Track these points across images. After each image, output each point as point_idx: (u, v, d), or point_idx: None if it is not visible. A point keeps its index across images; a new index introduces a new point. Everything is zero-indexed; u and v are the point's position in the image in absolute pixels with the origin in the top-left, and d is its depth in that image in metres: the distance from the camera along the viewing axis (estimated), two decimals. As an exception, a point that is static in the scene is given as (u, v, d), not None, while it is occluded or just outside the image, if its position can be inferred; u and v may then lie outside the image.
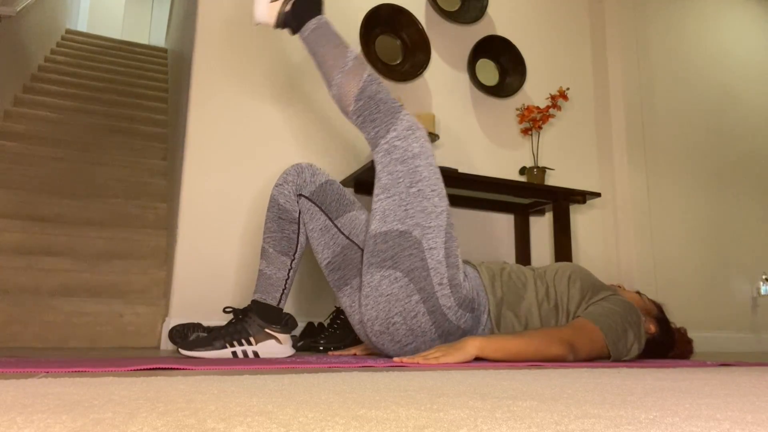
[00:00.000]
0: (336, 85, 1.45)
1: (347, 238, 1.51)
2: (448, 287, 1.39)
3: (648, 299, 1.70)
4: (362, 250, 1.47)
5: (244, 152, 2.37)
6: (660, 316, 1.67)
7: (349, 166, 2.54)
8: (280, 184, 1.56)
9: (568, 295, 1.52)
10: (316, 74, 2.57)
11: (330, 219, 1.53)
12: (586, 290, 1.53)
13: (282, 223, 1.53)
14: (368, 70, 1.46)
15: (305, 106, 2.52)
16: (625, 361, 1.49)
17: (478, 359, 1.34)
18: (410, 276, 1.36)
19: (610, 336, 1.42)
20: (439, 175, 1.43)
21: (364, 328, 1.45)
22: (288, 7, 1.50)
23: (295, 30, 1.51)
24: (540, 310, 1.50)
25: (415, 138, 1.42)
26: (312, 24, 1.49)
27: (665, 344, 1.64)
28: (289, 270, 1.54)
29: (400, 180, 1.39)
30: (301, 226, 1.54)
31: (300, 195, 1.54)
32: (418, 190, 1.39)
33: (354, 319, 1.51)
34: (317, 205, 1.53)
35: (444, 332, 1.41)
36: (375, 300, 1.39)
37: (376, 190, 1.42)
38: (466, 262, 1.60)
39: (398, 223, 1.38)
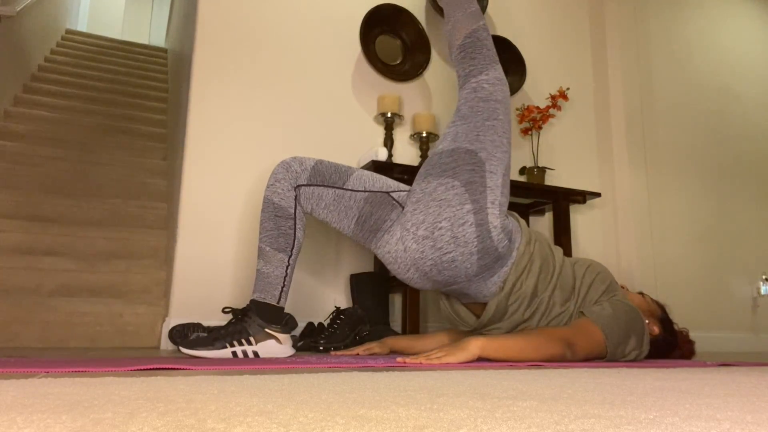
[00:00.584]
0: (455, 20, 1.66)
1: (365, 191, 1.55)
2: (498, 208, 1.46)
3: (651, 300, 1.71)
4: (386, 193, 1.55)
5: (243, 152, 2.37)
6: (663, 317, 1.67)
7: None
8: (272, 185, 1.57)
9: (582, 279, 1.56)
10: (316, 74, 2.57)
11: (338, 188, 1.56)
12: (600, 282, 1.56)
13: (278, 221, 1.54)
14: (484, 20, 1.66)
15: (305, 107, 2.52)
16: (626, 361, 1.50)
17: (479, 359, 1.34)
18: (467, 187, 1.44)
19: (611, 339, 1.43)
20: (511, 127, 1.58)
21: (403, 241, 1.45)
22: None
23: None
24: (559, 279, 1.51)
25: (502, 89, 1.58)
26: None
27: (669, 345, 1.65)
28: (287, 267, 1.54)
29: (479, 113, 1.53)
30: (297, 221, 1.55)
31: (298, 186, 1.56)
32: (492, 125, 1.52)
33: (391, 244, 1.49)
34: (319, 185, 1.56)
35: (483, 248, 1.43)
36: (426, 204, 1.44)
37: (453, 119, 1.56)
38: (510, 213, 1.65)
39: (467, 143, 1.49)
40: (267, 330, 1.52)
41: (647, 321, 1.62)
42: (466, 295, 1.56)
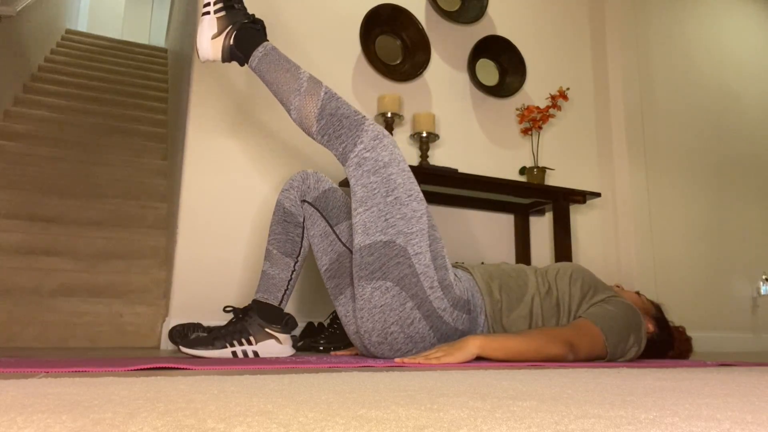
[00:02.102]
0: (295, 108, 1.42)
1: (344, 245, 1.54)
2: (440, 289, 1.38)
3: (647, 299, 1.71)
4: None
5: (243, 152, 2.37)
6: (658, 316, 1.67)
7: (349, 166, 2.54)
8: (286, 189, 1.60)
9: (570, 293, 1.52)
10: (316, 74, 2.57)
11: (330, 225, 1.56)
12: (587, 289, 1.53)
13: (287, 226, 1.57)
14: (324, 87, 1.42)
15: (305, 106, 2.52)
16: (624, 361, 1.50)
17: (478, 359, 1.34)
18: (401, 284, 1.35)
19: (611, 338, 1.42)
20: (413, 179, 1.41)
21: (362, 339, 1.44)
22: (231, 41, 1.46)
23: (243, 61, 1.47)
24: (542, 309, 1.49)
25: (383, 146, 1.39)
26: (259, 52, 1.45)
27: (664, 344, 1.65)
28: (293, 272, 1.57)
29: (376, 191, 1.37)
30: (305, 230, 1.58)
31: (304, 201, 1.59)
32: (395, 198, 1.37)
33: (350, 330, 1.51)
34: (319, 211, 1.58)
35: (442, 335, 1.41)
36: (369, 312, 1.37)
37: (353, 204, 1.39)
38: (459, 266, 1.60)
39: (381, 234, 1.36)
40: (267, 330, 1.52)
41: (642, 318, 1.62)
42: None
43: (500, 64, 3.00)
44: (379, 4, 2.67)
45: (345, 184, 2.41)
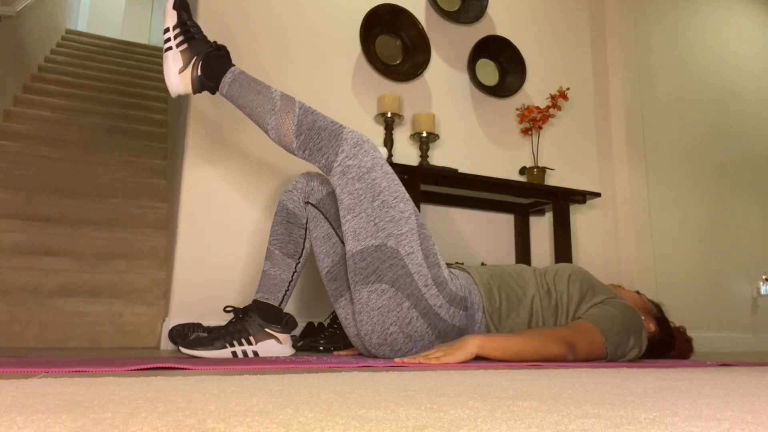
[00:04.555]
0: (273, 128, 1.42)
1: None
2: (434, 287, 1.40)
3: (647, 299, 1.71)
4: None
5: (244, 152, 2.37)
6: (659, 316, 1.67)
7: (349, 166, 2.54)
8: (289, 190, 1.60)
9: (568, 293, 1.52)
10: (316, 74, 2.57)
11: (333, 228, 1.56)
12: (586, 290, 1.53)
13: (290, 227, 1.57)
14: (297, 103, 1.43)
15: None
16: (625, 361, 1.50)
17: (478, 358, 1.34)
18: (396, 285, 1.37)
19: (611, 339, 1.42)
20: (397, 181, 1.43)
21: (362, 341, 1.46)
22: (198, 72, 1.46)
23: (213, 90, 1.48)
24: (541, 309, 1.50)
25: (365, 152, 1.40)
26: (228, 79, 1.45)
27: (665, 343, 1.65)
28: (294, 272, 1.57)
29: (362, 197, 1.38)
30: (308, 231, 1.58)
31: (307, 202, 1.59)
32: (382, 202, 1.39)
33: (350, 332, 1.52)
34: (323, 213, 1.57)
35: (441, 332, 1.42)
36: (368, 315, 1.39)
37: (341, 212, 1.40)
38: (457, 266, 1.60)
39: (371, 239, 1.37)
40: (267, 330, 1.52)
41: (643, 318, 1.62)
42: None
43: (500, 64, 3.00)
44: (379, 4, 2.67)
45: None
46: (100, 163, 3.40)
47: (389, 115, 2.53)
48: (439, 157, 2.75)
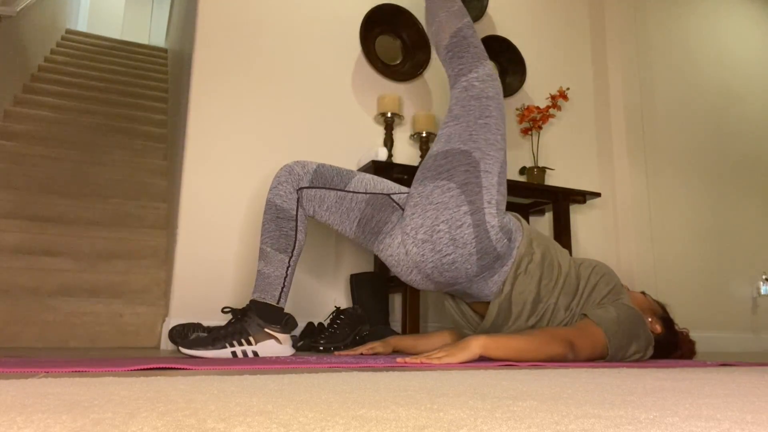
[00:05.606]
0: (438, 21, 1.62)
1: (366, 193, 1.56)
2: (495, 207, 1.47)
3: (653, 300, 1.71)
4: (387, 195, 1.55)
5: (243, 152, 2.37)
6: (665, 317, 1.67)
7: (348, 167, 2.54)
8: (274, 187, 1.58)
9: (587, 280, 1.56)
10: (316, 74, 2.57)
11: (340, 190, 1.57)
12: (604, 284, 1.55)
13: (280, 222, 1.55)
14: (468, 18, 1.63)
15: (305, 106, 2.52)
16: (625, 361, 1.50)
17: (480, 358, 1.34)
18: (463, 188, 1.44)
19: (614, 341, 1.43)
20: (505, 122, 1.56)
21: (404, 245, 1.47)
22: None
23: None
24: (563, 285, 1.51)
25: (493, 85, 1.55)
26: None
27: (670, 344, 1.65)
28: (288, 267, 1.55)
29: (472, 111, 1.51)
30: (299, 223, 1.56)
31: (300, 189, 1.57)
32: (485, 123, 1.51)
33: (392, 248, 1.51)
34: (321, 187, 1.57)
35: (482, 249, 1.44)
36: (423, 208, 1.45)
37: (446, 120, 1.54)
38: (511, 213, 1.64)
39: (461, 144, 1.48)
40: (266, 330, 1.52)
41: (650, 319, 1.62)
42: (469, 295, 1.56)
43: (500, 64, 3.00)
44: (379, 4, 2.67)
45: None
46: (100, 163, 3.40)
47: (389, 115, 2.53)
48: (439, 157, 2.75)
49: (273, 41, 2.52)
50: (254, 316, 1.52)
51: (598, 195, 2.72)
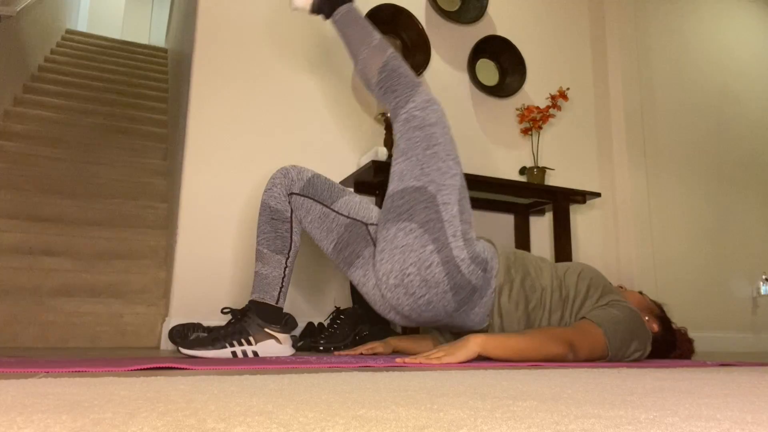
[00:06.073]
0: (362, 59, 1.59)
1: (348, 217, 1.54)
2: (462, 239, 1.44)
3: (650, 299, 1.71)
4: (365, 225, 1.54)
5: (243, 152, 2.37)
6: (662, 316, 1.68)
7: (348, 167, 2.54)
8: (269, 189, 1.58)
9: (576, 289, 1.54)
10: (316, 74, 2.57)
11: (326, 206, 1.56)
12: (594, 288, 1.54)
13: (275, 224, 1.55)
14: (392, 49, 1.60)
15: (305, 106, 2.52)
16: (628, 361, 1.50)
17: (479, 357, 1.34)
18: (425, 227, 1.41)
19: (613, 342, 1.43)
20: (454, 145, 1.52)
21: (379, 288, 1.46)
22: None
23: (327, 15, 1.67)
24: (550, 300, 1.51)
25: (433, 110, 1.52)
26: (343, 9, 1.65)
27: (668, 344, 1.65)
28: (285, 268, 1.55)
29: (417, 143, 1.49)
30: (294, 225, 1.56)
31: (291, 194, 1.57)
32: (434, 153, 1.48)
33: (368, 287, 1.51)
34: (310, 198, 1.56)
35: (455, 285, 1.42)
36: (390, 253, 1.42)
37: (394, 155, 1.51)
38: (485, 239, 1.62)
39: (414, 180, 1.46)
40: (266, 330, 1.52)
41: (646, 318, 1.62)
42: (455, 327, 1.56)
43: (500, 64, 3.00)
44: (379, 4, 2.67)
45: (346, 184, 2.41)
46: (100, 163, 3.40)
47: (389, 114, 2.52)
48: (439, 157, 2.75)
49: (273, 41, 2.52)
50: (254, 316, 1.52)
51: (598, 195, 2.72)
